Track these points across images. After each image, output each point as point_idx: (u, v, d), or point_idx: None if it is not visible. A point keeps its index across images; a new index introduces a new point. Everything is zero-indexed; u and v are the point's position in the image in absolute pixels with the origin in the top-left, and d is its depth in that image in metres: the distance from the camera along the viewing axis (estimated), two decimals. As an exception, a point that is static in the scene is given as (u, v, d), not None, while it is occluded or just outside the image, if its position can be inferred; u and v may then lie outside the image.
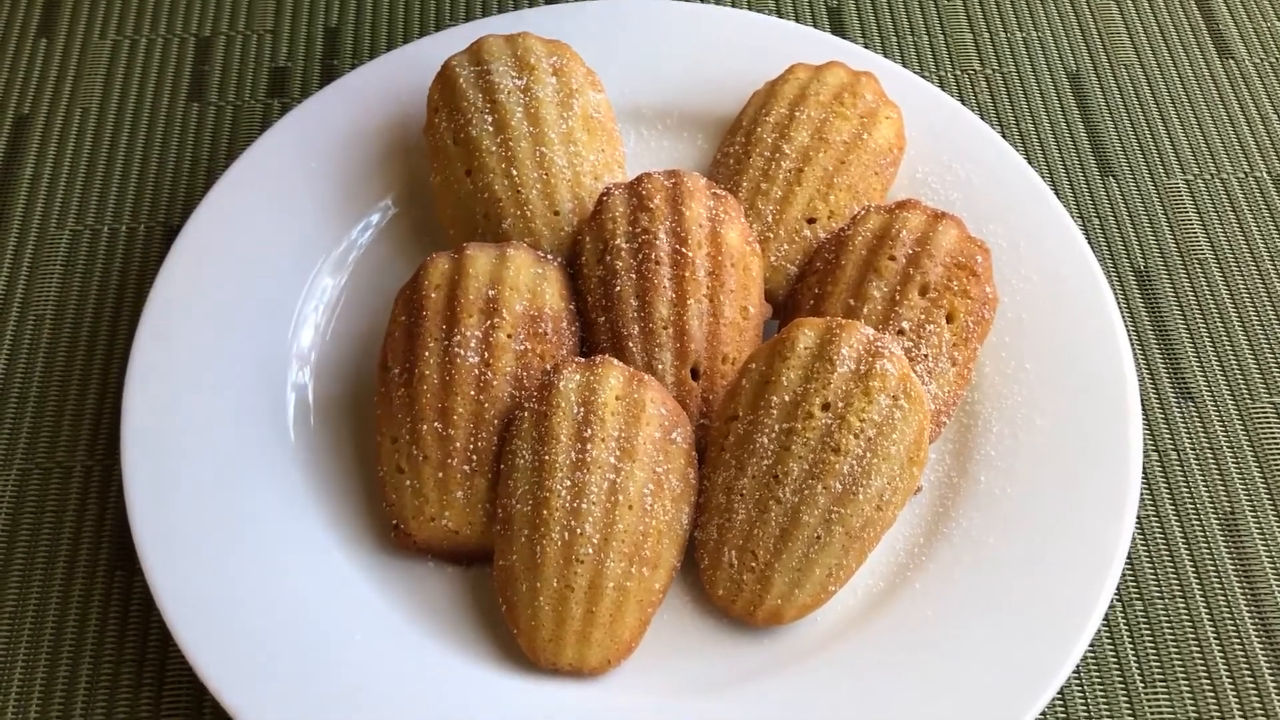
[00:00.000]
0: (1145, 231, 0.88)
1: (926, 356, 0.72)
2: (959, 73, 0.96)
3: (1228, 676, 0.71)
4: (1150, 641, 0.72)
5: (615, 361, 0.71)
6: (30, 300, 0.84)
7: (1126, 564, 0.72)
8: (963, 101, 0.93)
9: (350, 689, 0.66)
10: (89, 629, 0.72)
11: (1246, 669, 0.71)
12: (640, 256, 0.74)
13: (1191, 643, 0.72)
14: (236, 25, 0.98)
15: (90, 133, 0.92)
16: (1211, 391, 0.81)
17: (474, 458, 0.69)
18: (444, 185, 0.80)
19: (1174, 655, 0.71)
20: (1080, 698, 0.70)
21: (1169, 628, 0.72)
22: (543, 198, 0.78)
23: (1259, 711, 0.70)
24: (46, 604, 0.73)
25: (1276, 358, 0.82)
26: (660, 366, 0.72)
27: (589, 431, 0.68)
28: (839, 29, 0.98)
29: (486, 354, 0.71)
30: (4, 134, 0.92)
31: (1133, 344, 0.80)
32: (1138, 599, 0.73)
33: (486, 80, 0.80)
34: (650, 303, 0.73)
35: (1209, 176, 0.91)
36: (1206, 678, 0.71)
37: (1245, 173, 0.91)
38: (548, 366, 0.72)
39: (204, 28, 0.98)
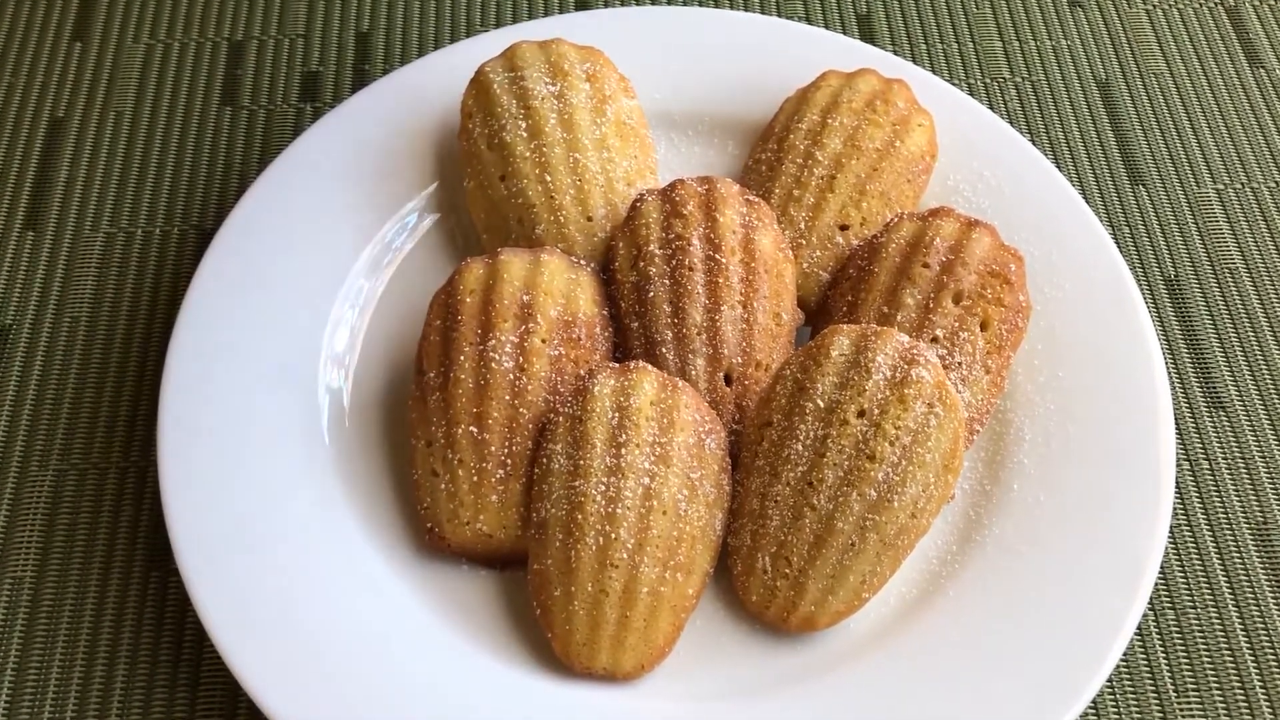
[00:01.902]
0: (1175, 240, 0.88)
1: (960, 364, 0.72)
2: (988, 80, 0.96)
3: (1260, 686, 0.71)
4: (1183, 651, 0.72)
5: (649, 367, 0.71)
6: (65, 302, 0.85)
7: (1159, 573, 0.72)
8: (992, 110, 0.93)
9: (384, 690, 0.66)
10: (125, 629, 0.72)
11: None
12: (674, 262, 0.74)
13: (1224, 652, 0.72)
14: (269, 30, 0.99)
15: (124, 136, 0.93)
16: (1243, 400, 0.81)
17: (509, 462, 0.70)
18: (478, 190, 0.80)
19: (1207, 664, 0.71)
20: (1113, 707, 0.70)
21: (1202, 637, 0.72)
22: (576, 203, 0.78)
23: (1292, 722, 0.70)
24: (83, 604, 0.73)
25: (1308, 367, 0.82)
26: (693, 372, 0.73)
27: (624, 436, 0.68)
28: (868, 36, 0.98)
29: (521, 359, 0.71)
30: (39, 137, 0.93)
31: (1163, 353, 0.80)
32: (1170, 608, 0.73)
33: (520, 86, 0.80)
34: (683, 308, 0.73)
35: (1239, 186, 0.91)
36: (1239, 687, 0.71)
37: (1276, 182, 0.91)
38: (582, 371, 0.72)
39: (236, 32, 0.99)
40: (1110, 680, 0.71)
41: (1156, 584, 0.74)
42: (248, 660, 0.66)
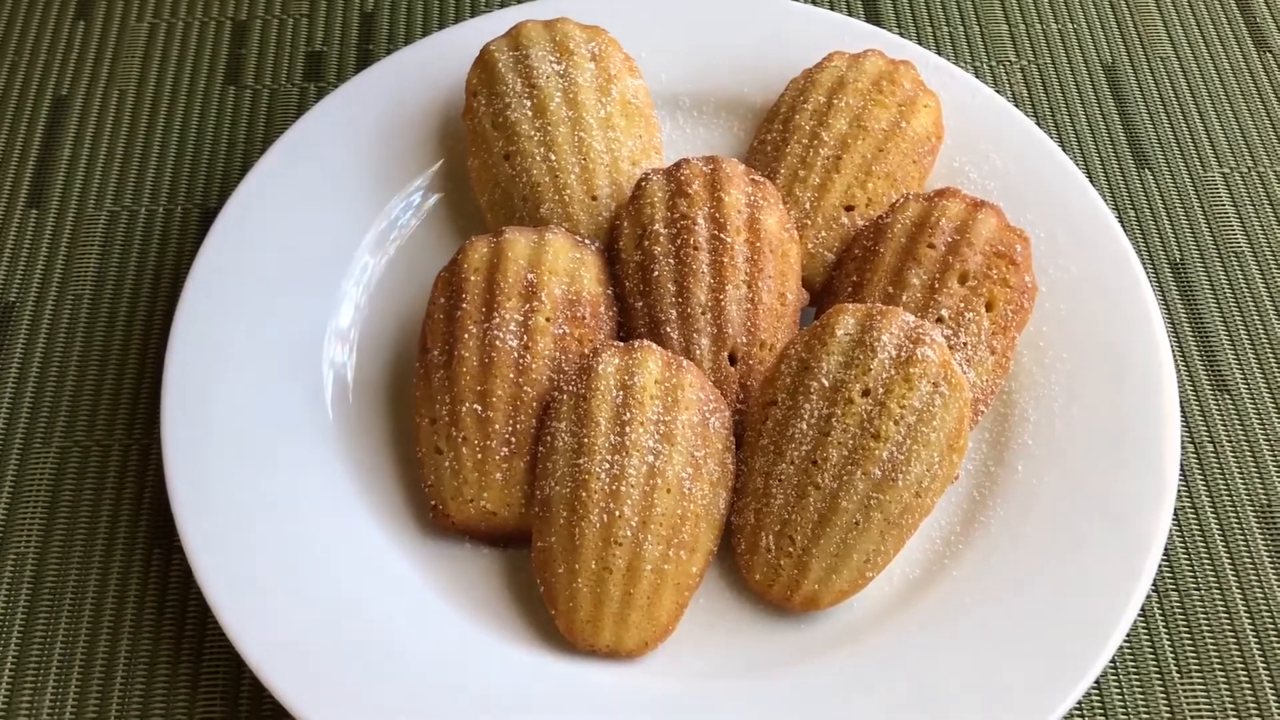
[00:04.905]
0: (1181, 224, 0.88)
1: (966, 345, 0.72)
2: (994, 64, 0.96)
3: (1264, 667, 0.71)
4: (1186, 632, 0.72)
5: (654, 346, 0.71)
6: (69, 279, 0.85)
7: (1163, 554, 0.72)
8: (998, 93, 0.92)
9: (387, 667, 0.66)
10: (128, 605, 0.72)
11: (1283, 661, 0.71)
12: (679, 242, 0.74)
13: (1228, 634, 0.72)
14: (273, 9, 0.99)
15: (127, 114, 0.93)
16: (1247, 383, 0.81)
17: (512, 440, 0.70)
18: (482, 169, 0.80)
19: (1210, 646, 0.71)
20: (1116, 688, 0.70)
21: (1205, 619, 0.72)
22: (581, 182, 0.78)
23: (1295, 704, 0.70)
24: (86, 580, 0.73)
25: (1313, 351, 0.82)
26: (698, 351, 0.73)
27: (628, 415, 0.68)
28: (874, 18, 0.98)
29: (525, 337, 0.71)
30: (42, 115, 0.93)
31: (1168, 335, 0.79)
32: (1174, 590, 0.73)
33: (525, 65, 0.80)
34: (688, 288, 0.73)
35: (1245, 170, 0.91)
36: (1243, 669, 0.71)
37: (1282, 166, 0.91)
38: (586, 350, 0.72)
39: (240, 11, 0.99)
40: (1114, 661, 0.71)
41: (1161, 566, 0.74)
42: (251, 635, 0.66)
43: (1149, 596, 0.73)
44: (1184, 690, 0.70)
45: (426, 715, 0.64)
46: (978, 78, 0.93)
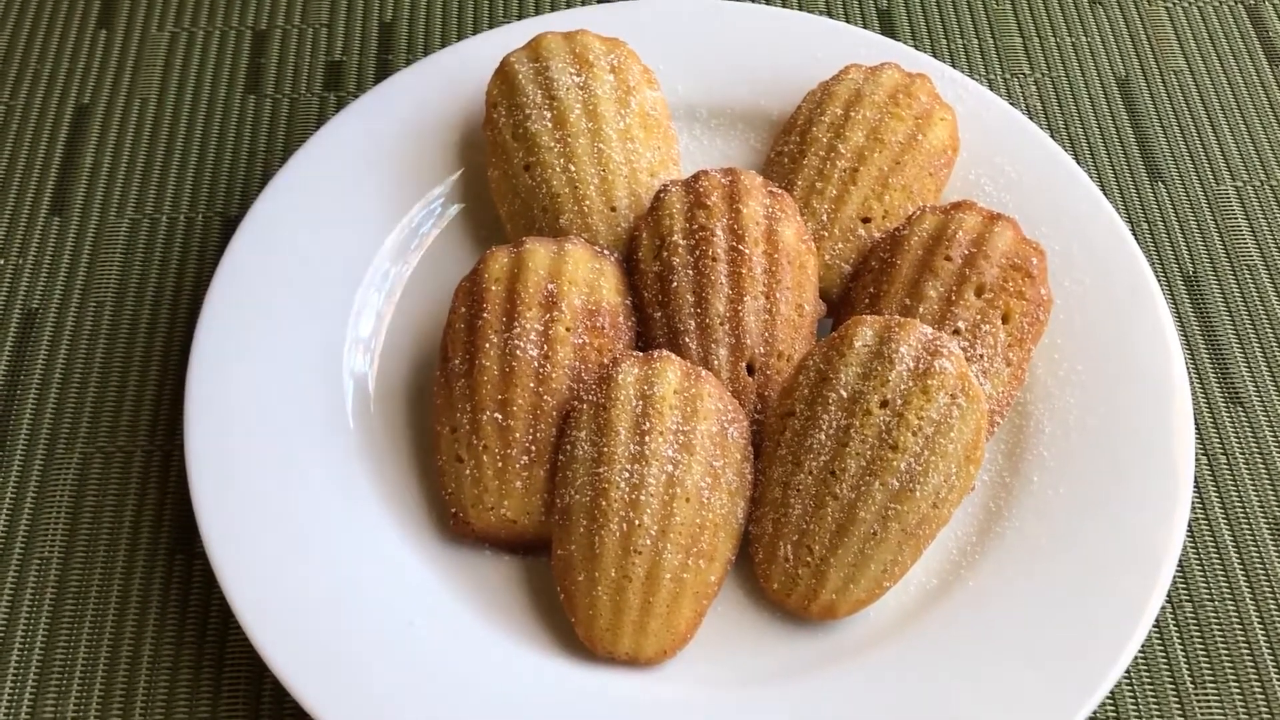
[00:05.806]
0: (1194, 237, 0.88)
1: (982, 357, 0.72)
2: (1008, 76, 0.97)
3: (1277, 678, 0.71)
4: (1200, 643, 0.72)
5: (673, 356, 0.72)
6: (91, 287, 0.86)
7: (1177, 567, 0.73)
8: (1012, 105, 0.93)
9: (407, 672, 0.66)
10: (150, 610, 0.73)
11: (1296, 673, 0.72)
12: (697, 253, 0.75)
13: (1242, 645, 0.72)
14: (292, 19, 1.00)
15: (149, 123, 0.94)
16: (1261, 397, 0.81)
17: (533, 448, 0.70)
18: (502, 180, 0.81)
19: (1224, 657, 0.72)
20: (1131, 699, 0.71)
21: (1219, 630, 0.73)
22: (600, 194, 0.78)
23: (1308, 715, 0.70)
24: (108, 585, 0.74)
25: (1326, 364, 0.83)
26: (716, 362, 0.73)
27: (647, 424, 0.69)
28: (889, 31, 0.99)
29: (545, 347, 0.72)
30: (65, 124, 0.94)
31: (1182, 348, 0.80)
32: (1187, 601, 0.74)
33: (545, 77, 0.81)
34: (707, 299, 0.74)
35: (1258, 183, 0.91)
36: (1257, 680, 0.71)
37: (1295, 180, 0.91)
38: (605, 360, 0.73)
39: (260, 21, 0.99)
40: (1128, 673, 0.72)
41: (1175, 578, 0.74)
42: (272, 640, 0.66)
43: (1163, 609, 0.73)
44: (1198, 701, 0.71)
45: (446, 721, 0.65)
46: (992, 90, 0.94)
